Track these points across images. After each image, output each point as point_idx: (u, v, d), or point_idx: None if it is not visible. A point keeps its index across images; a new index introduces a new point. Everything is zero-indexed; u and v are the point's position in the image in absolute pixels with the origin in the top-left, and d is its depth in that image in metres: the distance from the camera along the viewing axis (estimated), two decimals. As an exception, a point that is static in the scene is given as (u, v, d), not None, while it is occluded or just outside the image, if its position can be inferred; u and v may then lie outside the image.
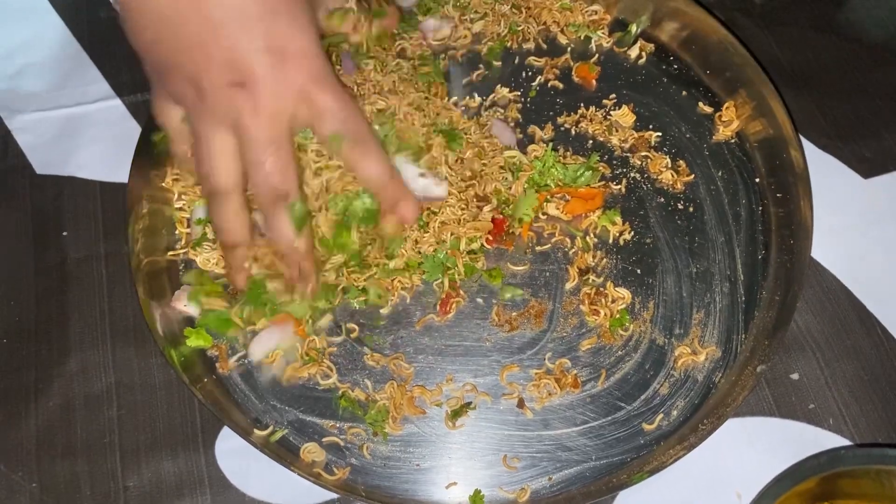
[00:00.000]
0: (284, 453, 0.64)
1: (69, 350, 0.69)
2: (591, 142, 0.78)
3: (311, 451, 0.65)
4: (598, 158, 0.75)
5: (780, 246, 0.72)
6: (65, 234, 0.74)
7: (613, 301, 0.70)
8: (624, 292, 0.70)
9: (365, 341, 0.69)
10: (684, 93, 0.81)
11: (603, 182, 0.75)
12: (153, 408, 0.67)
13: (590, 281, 0.71)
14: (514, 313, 0.70)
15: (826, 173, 0.76)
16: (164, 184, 0.73)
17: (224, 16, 0.53)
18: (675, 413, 0.67)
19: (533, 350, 0.69)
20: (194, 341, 0.67)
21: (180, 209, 0.73)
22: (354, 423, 0.66)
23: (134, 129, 0.77)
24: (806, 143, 0.77)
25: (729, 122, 0.79)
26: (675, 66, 0.82)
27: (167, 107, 0.62)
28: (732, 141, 0.78)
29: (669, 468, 0.62)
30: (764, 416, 0.67)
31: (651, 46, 0.83)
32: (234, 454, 0.65)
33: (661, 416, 0.66)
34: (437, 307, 0.69)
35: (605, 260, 0.72)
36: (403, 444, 0.65)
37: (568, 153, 0.76)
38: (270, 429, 0.66)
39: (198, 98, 0.56)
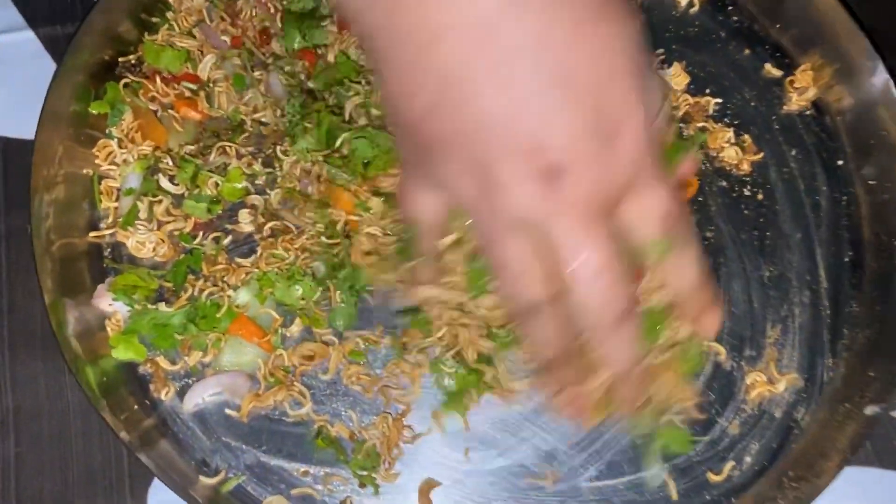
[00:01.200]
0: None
1: None
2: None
3: (276, 507, 0.51)
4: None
5: (876, 246, 0.60)
6: None
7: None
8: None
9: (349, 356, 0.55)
10: (747, 50, 0.67)
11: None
12: (65, 443, 0.54)
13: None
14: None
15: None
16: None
17: (537, 82, 0.38)
18: (748, 459, 0.55)
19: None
20: (122, 353, 0.54)
21: (107, 176, 0.59)
22: (334, 470, 0.53)
23: (49, 69, 0.61)
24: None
25: (804, 89, 0.65)
26: (736, 18, 0.68)
27: (422, 193, 0.46)
28: (808, 112, 0.65)
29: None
30: (861, 465, 0.54)
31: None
32: (172, 509, 0.51)
33: (731, 463, 0.54)
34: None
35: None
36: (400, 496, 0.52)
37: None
38: (221, 475, 0.53)
39: (481, 194, 0.41)
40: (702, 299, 0.47)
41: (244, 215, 0.56)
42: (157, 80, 0.59)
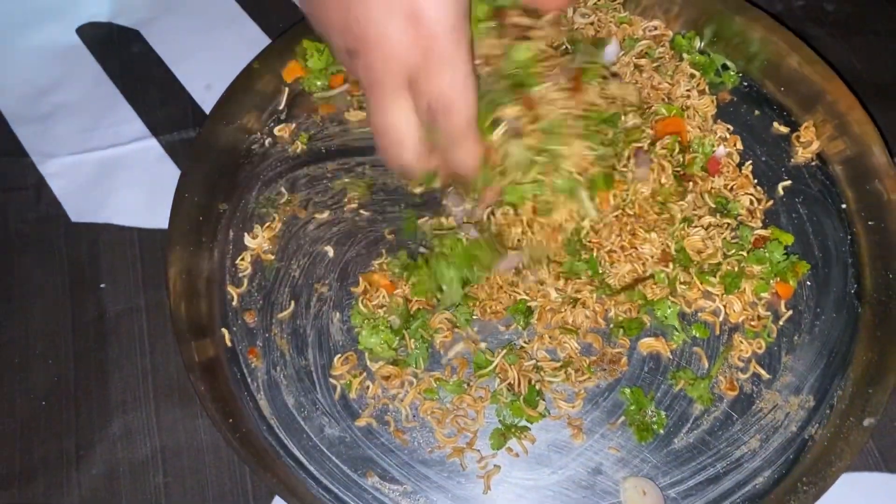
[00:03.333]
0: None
1: (111, 412, 0.65)
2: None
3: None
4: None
5: (876, 279, 0.67)
6: (102, 286, 0.70)
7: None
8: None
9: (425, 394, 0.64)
10: (756, 111, 0.74)
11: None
12: (201, 473, 0.63)
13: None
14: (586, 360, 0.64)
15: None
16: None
17: None
18: (768, 472, 0.61)
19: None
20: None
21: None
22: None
23: (171, 171, 0.73)
24: (896, 164, 0.71)
25: (808, 143, 0.73)
26: (746, 83, 0.76)
27: (392, 108, 0.53)
28: (813, 163, 0.72)
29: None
30: (869, 470, 0.61)
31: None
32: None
33: (751, 472, 0.61)
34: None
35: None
36: (472, 509, 0.60)
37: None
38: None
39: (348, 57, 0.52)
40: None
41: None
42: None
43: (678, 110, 0.72)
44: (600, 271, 0.66)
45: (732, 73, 0.75)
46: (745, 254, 0.66)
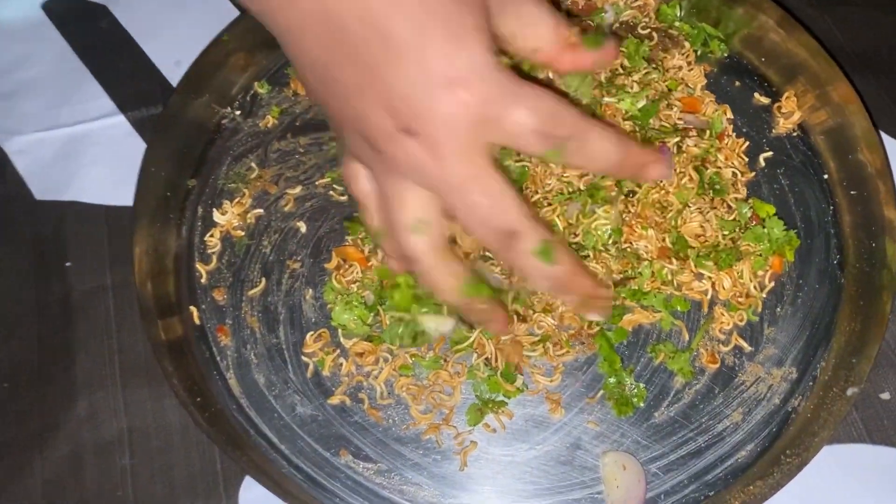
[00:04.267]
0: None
1: (76, 393, 0.63)
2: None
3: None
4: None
5: (859, 250, 0.66)
6: (68, 264, 0.68)
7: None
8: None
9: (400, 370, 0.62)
10: (737, 83, 0.73)
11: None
12: (169, 454, 0.61)
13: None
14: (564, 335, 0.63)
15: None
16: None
17: (379, 50, 0.43)
18: (750, 445, 0.60)
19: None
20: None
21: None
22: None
23: (139, 147, 0.71)
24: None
25: (790, 114, 0.71)
26: (724, 54, 0.74)
27: (355, 168, 0.51)
28: (795, 134, 0.71)
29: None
30: (853, 442, 0.60)
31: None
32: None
33: (734, 445, 0.60)
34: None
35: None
36: (448, 488, 0.59)
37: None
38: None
39: (375, 154, 0.46)
40: (636, 155, 0.50)
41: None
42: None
43: (673, 82, 0.71)
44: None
45: (720, 42, 0.74)
46: (741, 232, 0.65)
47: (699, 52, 0.74)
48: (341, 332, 0.63)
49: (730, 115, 0.71)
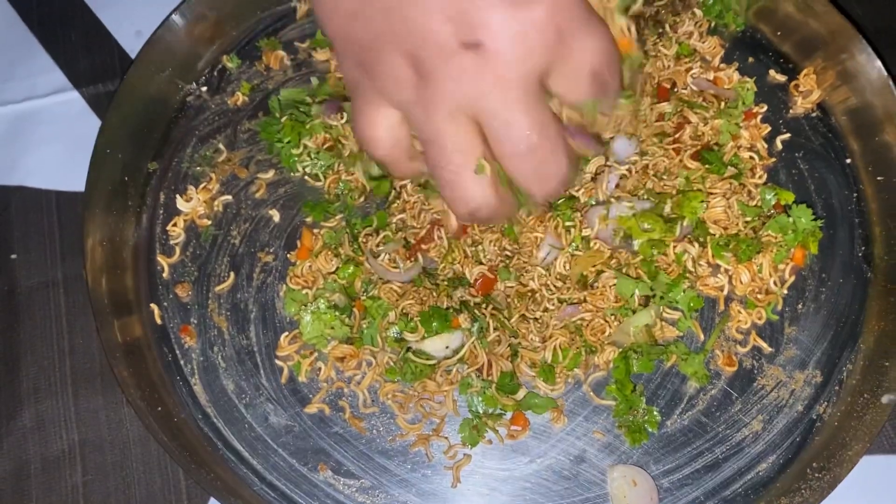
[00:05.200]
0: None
1: (21, 401, 0.59)
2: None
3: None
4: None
5: (886, 240, 0.61)
6: (13, 256, 0.63)
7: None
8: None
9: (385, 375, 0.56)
10: (751, 59, 0.68)
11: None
12: (126, 470, 0.57)
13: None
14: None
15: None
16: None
17: None
18: (772, 456, 0.55)
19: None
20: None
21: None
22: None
23: (95, 126, 0.65)
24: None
25: (809, 92, 0.66)
26: (740, 28, 0.69)
27: (375, 115, 0.46)
28: (814, 115, 0.66)
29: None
30: (884, 453, 0.55)
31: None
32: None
33: (754, 457, 0.55)
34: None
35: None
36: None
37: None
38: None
39: (420, 81, 0.43)
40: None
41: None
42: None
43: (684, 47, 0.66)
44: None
45: (737, 14, 0.68)
46: (763, 221, 0.59)
47: (713, 25, 0.68)
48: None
49: (753, 87, 0.65)
